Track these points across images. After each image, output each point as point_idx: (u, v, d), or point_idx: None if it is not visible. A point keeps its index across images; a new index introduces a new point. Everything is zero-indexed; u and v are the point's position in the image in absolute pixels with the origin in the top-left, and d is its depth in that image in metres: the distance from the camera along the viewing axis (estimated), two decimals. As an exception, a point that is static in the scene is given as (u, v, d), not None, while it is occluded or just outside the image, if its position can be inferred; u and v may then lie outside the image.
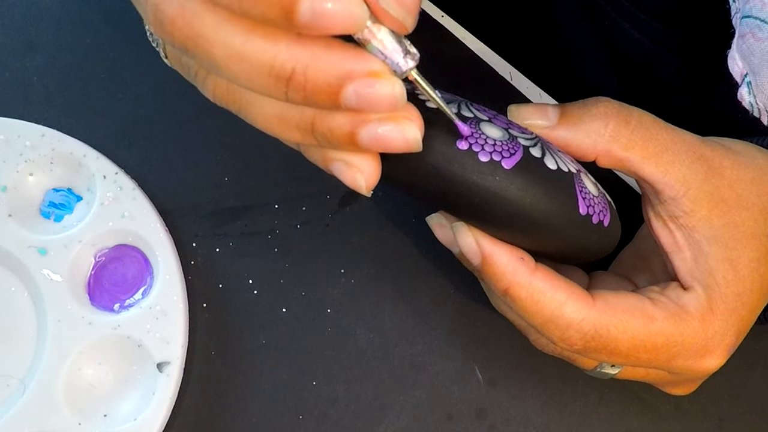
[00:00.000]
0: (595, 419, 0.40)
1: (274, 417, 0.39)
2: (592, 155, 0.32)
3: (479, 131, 0.28)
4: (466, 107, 0.29)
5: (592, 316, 0.30)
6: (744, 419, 0.40)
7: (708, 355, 0.32)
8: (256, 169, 0.43)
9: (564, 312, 0.30)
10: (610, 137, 0.31)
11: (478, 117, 0.29)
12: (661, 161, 0.31)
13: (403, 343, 0.41)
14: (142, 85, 0.44)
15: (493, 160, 0.27)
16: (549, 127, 0.31)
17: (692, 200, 0.31)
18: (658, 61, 0.45)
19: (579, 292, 0.31)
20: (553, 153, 0.30)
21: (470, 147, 0.27)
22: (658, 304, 0.32)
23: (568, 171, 0.29)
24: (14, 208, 0.40)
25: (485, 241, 0.30)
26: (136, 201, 0.40)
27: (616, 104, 0.32)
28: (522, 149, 0.28)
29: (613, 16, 0.46)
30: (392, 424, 0.40)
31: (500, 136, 0.28)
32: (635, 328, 0.31)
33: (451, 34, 0.47)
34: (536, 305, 0.30)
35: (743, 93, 0.33)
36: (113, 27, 0.45)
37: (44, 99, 0.44)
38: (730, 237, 0.31)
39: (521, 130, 0.30)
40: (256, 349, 0.40)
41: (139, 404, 0.38)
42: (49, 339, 0.38)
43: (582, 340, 0.31)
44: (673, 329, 0.31)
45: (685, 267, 0.32)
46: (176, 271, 0.39)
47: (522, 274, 0.30)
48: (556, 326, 0.31)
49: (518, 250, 0.30)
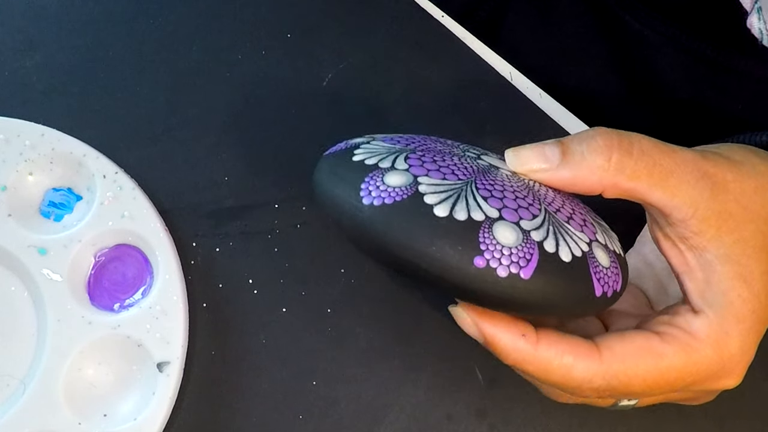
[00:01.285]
0: (595, 420, 0.40)
1: (274, 417, 0.39)
2: (599, 190, 0.31)
3: (494, 239, 0.27)
4: (473, 198, 0.29)
5: (601, 372, 0.30)
6: (745, 419, 0.40)
7: (727, 376, 0.31)
8: (256, 169, 0.43)
9: (574, 375, 0.31)
10: (615, 170, 0.30)
11: (488, 215, 0.28)
12: (668, 186, 0.30)
13: (403, 343, 0.41)
14: (142, 85, 0.44)
15: (511, 273, 0.27)
16: (552, 170, 0.31)
17: (701, 220, 0.31)
18: (657, 52, 0.45)
19: (585, 351, 0.31)
20: (563, 234, 0.29)
21: (488, 263, 0.27)
22: (666, 339, 0.31)
23: (582, 255, 0.29)
24: (14, 208, 0.40)
25: (485, 324, 0.31)
26: (136, 201, 0.40)
27: (614, 134, 0.31)
28: (537, 249, 0.28)
29: (613, 8, 0.46)
30: (392, 424, 0.40)
31: (514, 241, 0.28)
32: (646, 369, 0.31)
33: (451, 34, 0.47)
34: (545, 374, 0.31)
35: (753, 21, 0.33)
36: (113, 27, 0.45)
37: (44, 98, 0.44)
38: (741, 253, 0.31)
39: (525, 204, 0.29)
40: (256, 349, 0.40)
41: (139, 404, 0.38)
42: (49, 339, 0.38)
43: (595, 393, 0.31)
44: (685, 362, 0.31)
45: (696, 289, 0.32)
46: (176, 271, 0.39)
47: (526, 352, 0.30)
48: (568, 387, 0.31)
49: (519, 326, 0.31)
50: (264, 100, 0.45)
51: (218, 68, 0.45)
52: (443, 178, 0.29)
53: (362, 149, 0.31)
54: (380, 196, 0.28)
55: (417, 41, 0.47)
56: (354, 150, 0.31)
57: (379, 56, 0.46)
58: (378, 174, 0.29)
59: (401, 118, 0.45)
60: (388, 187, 0.28)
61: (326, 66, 0.46)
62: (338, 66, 0.46)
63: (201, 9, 0.46)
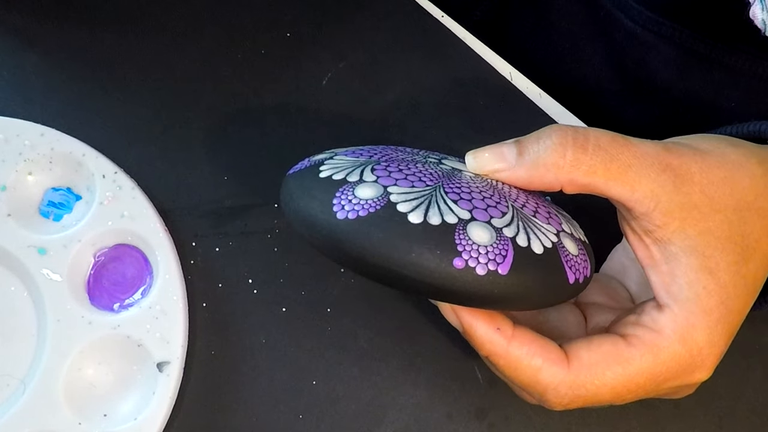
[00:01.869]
0: (594, 418, 0.40)
1: (274, 417, 0.39)
2: (557, 187, 0.31)
3: (469, 240, 0.28)
4: (444, 203, 0.29)
5: (568, 380, 0.31)
6: (744, 418, 0.41)
7: (697, 370, 0.31)
8: (256, 168, 0.43)
9: (540, 378, 0.31)
10: (570, 167, 0.31)
11: (460, 218, 0.29)
12: (626, 180, 0.31)
13: (403, 343, 0.41)
14: (142, 85, 0.44)
15: (489, 270, 0.28)
16: (509, 170, 0.32)
17: (663, 213, 0.31)
18: (651, 51, 0.45)
19: (554, 357, 0.31)
20: (532, 228, 0.30)
21: (467, 264, 0.28)
22: (632, 341, 0.31)
23: (552, 246, 0.30)
24: (13, 208, 0.40)
25: (464, 314, 0.31)
26: (135, 200, 0.40)
27: (569, 130, 0.31)
28: (511, 245, 0.29)
29: (607, 6, 0.46)
30: (392, 423, 0.40)
31: (488, 239, 0.28)
32: (613, 377, 0.31)
33: (451, 34, 0.47)
34: (514, 372, 0.31)
35: (756, 11, 0.33)
36: (113, 27, 0.45)
37: (43, 98, 0.44)
38: (707, 245, 0.31)
39: (493, 202, 0.30)
40: (256, 348, 0.40)
41: (139, 404, 0.38)
42: (49, 339, 0.38)
43: (561, 403, 0.31)
44: (653, 363, 0.31)
45: (661, 282, 0.32)
46: (176, 271, 0.39)
47: (499, 345, 0.31)
48: (535, 390, 0.32)
49: (496, 319, 0.31)
50: (264, 100, 0.45)
51: (218, 68, 0.45)
52: (412, 186, 0.29)
53: (327, 165, 0.31)
54: (354, 209, 0.28)
55: (417, 41, 0.47)
56: (319, 167, 0.32)
57: (379, 56, 0.46)
58: (348, 188, 0.29)
59: (401, 118, 0.45)
60: (360, 200, 0.29)
61: (326, 66, 0.46)
62: (338, 65, 0.46)
63: (201, 9, 0.46)
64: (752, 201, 0.32)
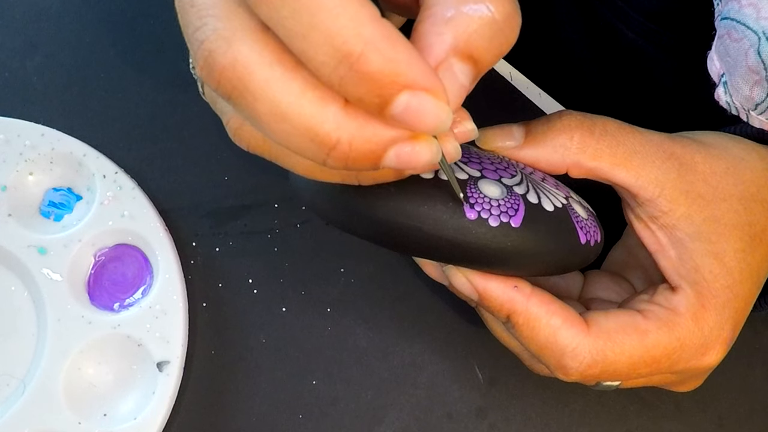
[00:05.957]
0: (595, 418, 0.40)
1: (274, 416, 0.39)
2: (563, 169, 0.32)
3: (481, 193, 0.28)
4: (454, 163, 0.29)
5: (587, 343, 0.31)
6: (744, 418, 0.40)
7: (708, 352, 0.32)
8: (256, 168, 0.43)
9: (558, 338, 0.31)
10: (577, 149, 0.31)
11: (471, 175, 0.29)
12: (631, 165, 0.31)
13: (403, 343, 0.41)
14: (142, 85, 0.44)
15: (502, 222, 0.28)
16: (516, 147, 0.32)
17: (669, 199, 0.31)
18: (651, 61, 0.45)
19: (574, 319, 0.31)
20: (542, 190, 0.30)
21: (479, 215, 0.28)
22: (648, 315, 0.32)
23: (562, 206, 0.30)
24: (14, 208, 0.40)
25: (477, 279, 0.31)
26: (135, 200, 0.40)
27: (578, 115, 0.32)
28: (522, 201, 0.29)
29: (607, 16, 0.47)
30: (392, 423, 0.40)
31: (499, 194, 0.29)
32: (631, 347, 0.31)
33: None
34: (532, 331, 0.31)
35: (720, 93, 0.34)
36: (113, 27, 0.45)
37: (44, 98, 0.44)
38: (713, 231, 0.31)
39: (502, 167, 0.30)
40: (256, 348, 0.40)
41: (139, 403, 0.38)
42: (49, 338, 0.38)
43: (577, 369, 0.31)
44: (669, 337, 0.31)
45: (671, 266, 0.32)
46: (176, 271, 0.39)
47: (518, 302, 0.31)
48: (552, 353, 0.31)
49: (512, 279, 0.31)
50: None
51: (218, 68, 0.45)
52: None
53: None
54: None
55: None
56: None
57: (378, 56, 0.46)
58: None
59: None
60: None
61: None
62: (338, 66, 0.46)
63: (201, 9, 0.46)
64: (755, 192, 0.32)
